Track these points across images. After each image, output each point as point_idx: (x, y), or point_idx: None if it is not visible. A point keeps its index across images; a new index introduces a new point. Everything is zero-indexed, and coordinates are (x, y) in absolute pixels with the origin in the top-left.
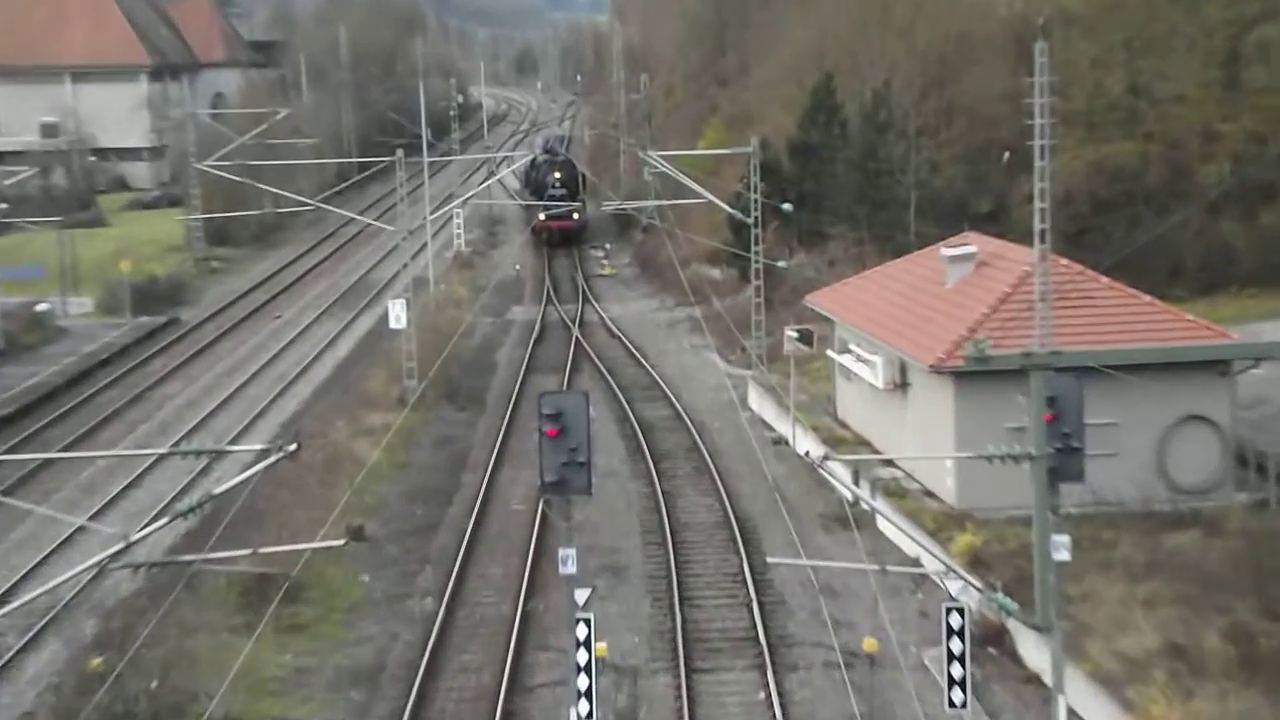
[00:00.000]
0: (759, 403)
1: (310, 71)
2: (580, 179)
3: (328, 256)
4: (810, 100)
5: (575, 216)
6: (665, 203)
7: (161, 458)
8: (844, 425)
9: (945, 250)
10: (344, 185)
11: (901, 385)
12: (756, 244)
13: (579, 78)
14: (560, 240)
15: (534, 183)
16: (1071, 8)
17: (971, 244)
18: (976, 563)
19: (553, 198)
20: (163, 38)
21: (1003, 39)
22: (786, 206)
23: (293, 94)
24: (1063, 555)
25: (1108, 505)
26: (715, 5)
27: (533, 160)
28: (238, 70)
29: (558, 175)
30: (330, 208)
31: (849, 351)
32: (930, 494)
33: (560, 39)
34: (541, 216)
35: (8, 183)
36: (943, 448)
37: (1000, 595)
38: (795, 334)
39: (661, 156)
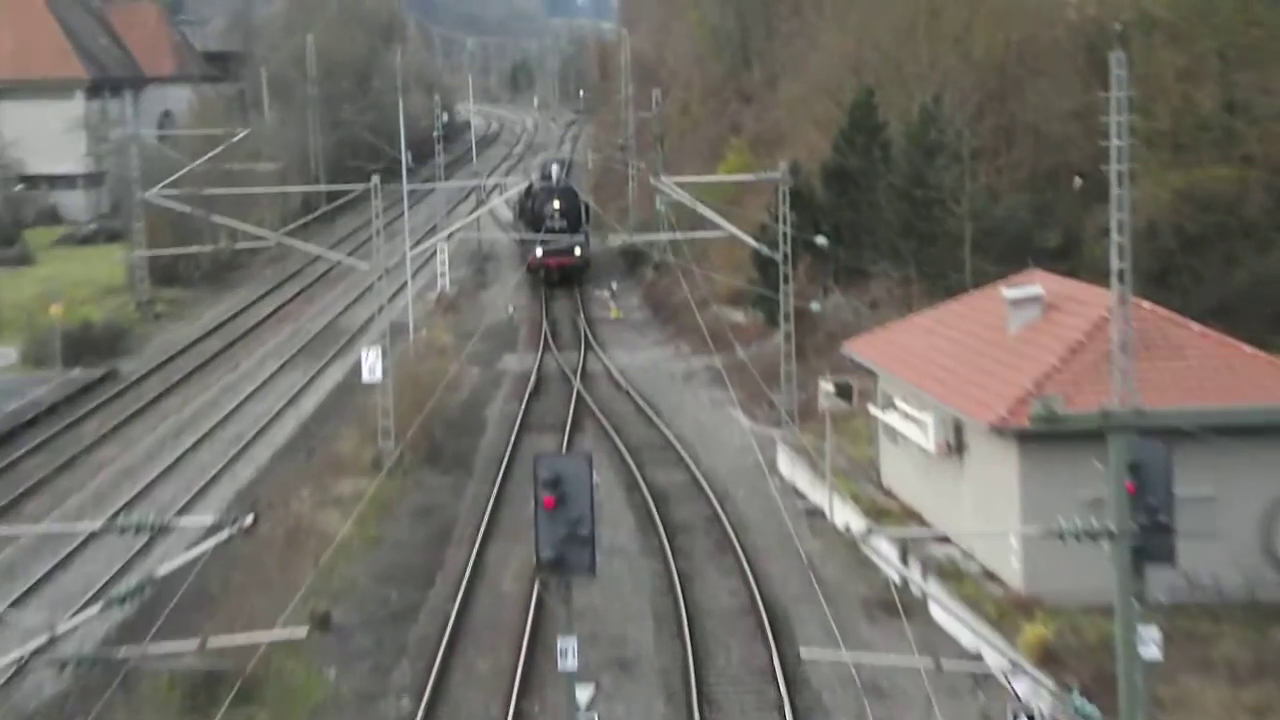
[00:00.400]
0: (790, 467)
1: (273, 86)
2: (583, 209)
3: (292, 298)
4: (848, 118)
5: (577, 252)
6: (680, 236)
7: (95, 534)
8: (889, 494)
9: (1007, 291)
10: (311, 216)
11: (957, 448)
12: (786, 283)
13: (581, 93)
14: (560, 279)
15: (530, 213)
16: (1154, 11)
17: (1037, 284)
18: (1048, 658)
19: (551, 230)
20: (102, 48)
21: (1073, 47)
22: (820, 240)
23: (253, 112)
24: (1152, 652)
25: (1205, 593)
26: (737, 10)
27: (528, 188)
28: (189, 85)
29: (557, 205)
30: (295, 242)
31: (894, 408)
32: (992, 576)
33: (560, 49)
34: (538, 252)
35: None
36: (1006, 522)
37: (1078, 698)
38: (832, 387)
39: (676, 183)
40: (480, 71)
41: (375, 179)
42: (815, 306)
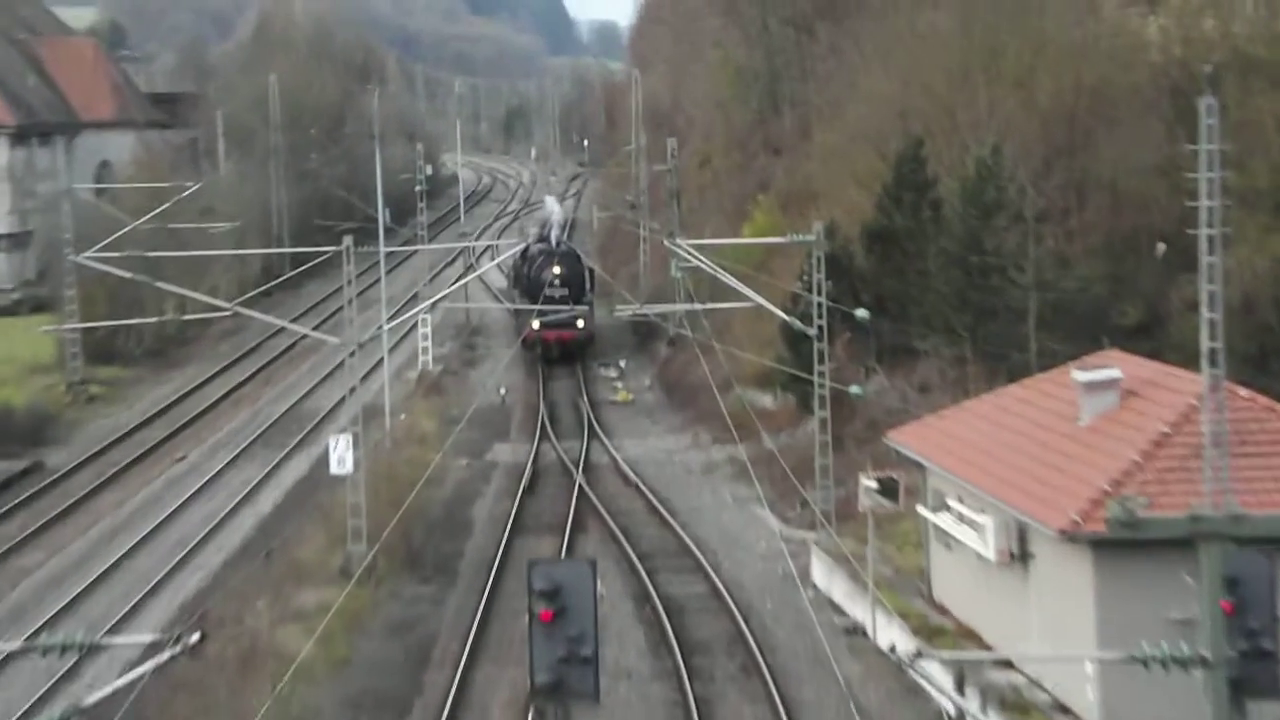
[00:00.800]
0: (826, 577)
1: (230, 134)
2: (587, 275)
3: (249, 378)
4: (893, 173)
5: (580, 325)
6: (699, 307)
7: (13, 655)
8: (942, 610)
9: (1078, 374)
10: (273, 283)
11: (1021, 557)
12: (821, 363)
13: (585, 143)
14: (560, 356)
15: (526, 280)
16: (1250, 50)
17: (1114, 366)
18: None
19: (550, 300)
20: (29, 89)
21: (1155, 92)
22: (861, 313)
23: (206, 163)
24: None
25: None
26: (766, 49)
27: (524, 251)
28: (132, 131)
29: (558, 271)
30: (254, 313)
31: (948, 509)
32: (1063, 708)
33: (561, 93)
34: (535, 325)
35: None
36: (1080, 645)
37: None
38: (875, 484)
39: (694, 246)
40: (470, 118)
41: (348, 240)
42: (855, 390)
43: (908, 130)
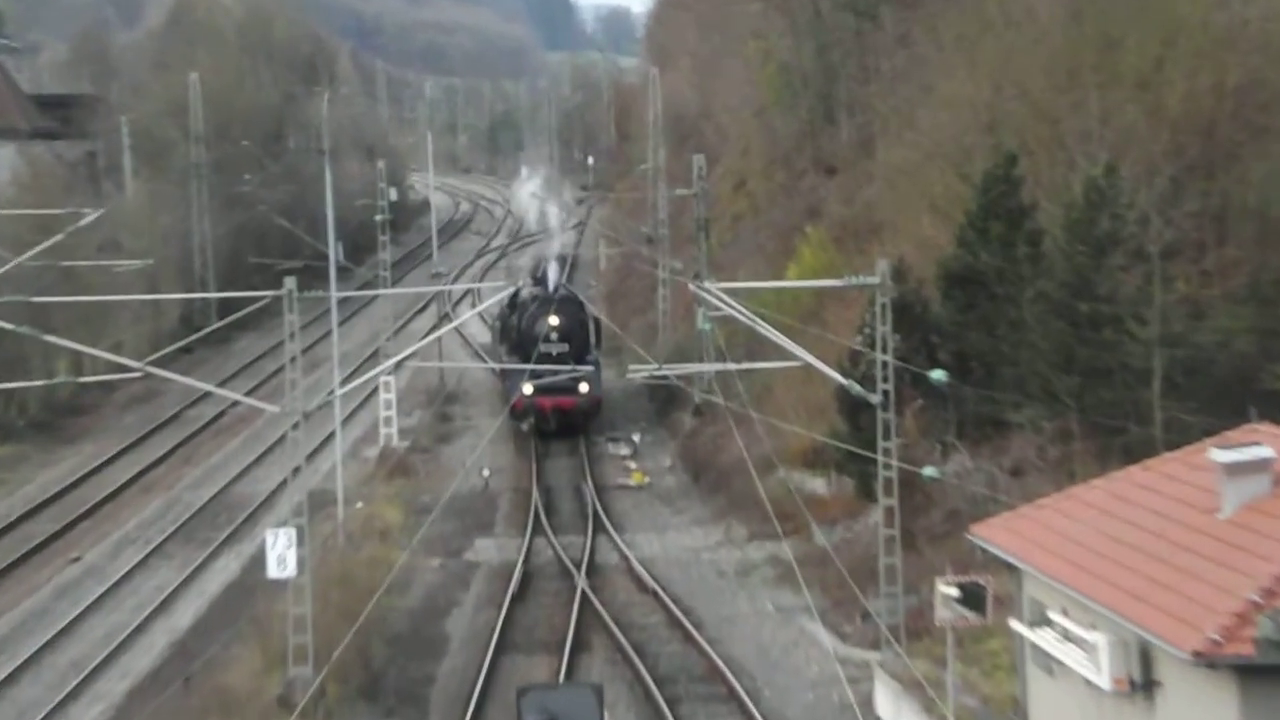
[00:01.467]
0: (893, 709)
1: (139, 147)
2: (591, 327)
3: (164, 457)
4: (979, 198)
5: (583, 389)
6: (733, 366)
7: None
8: None
9: (1218, 454)
10: (195, 337)
11: (1144, 686)
12: (887, 437)
13: (590, 161)
14: (558, 428)
15: (516, 334)
16: None
17: (1264, 444)
18: None
19: (547, 359)
20: None
21: None
22: (938, 375)
23: (109, 184)
24: None
25: None
26: (818, 42)
27: (514, 297)
28: (12, 143)
29: (555, 322)
30: (171, 375)
31: (1049, 624)
32: None
33: (559, 97)
34: (528, 389)
35: None
36: None
37: None
38: (955, 592)
39: (725, 290)
40: (444, 128)
41: (290, 283)
42: (930, 472)
43: (998, 144)
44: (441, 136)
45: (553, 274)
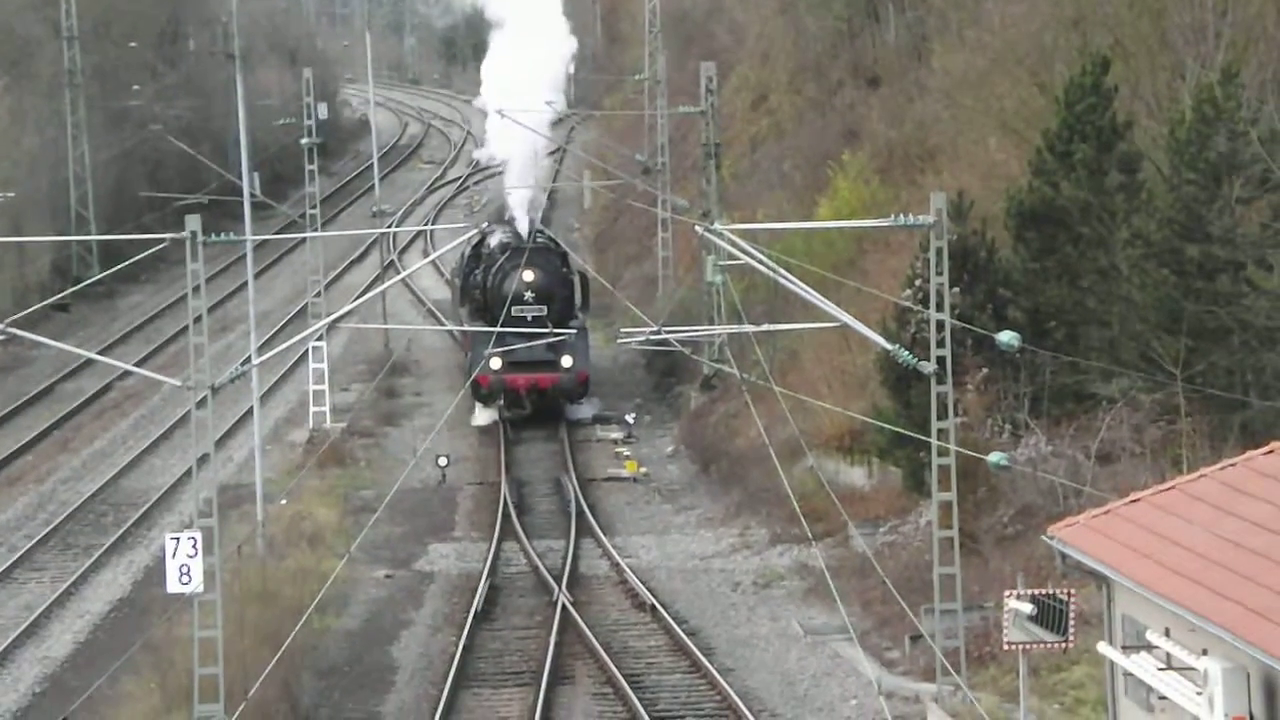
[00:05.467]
0: None
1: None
2: (576, 284)
3: (33, 442)
4: (1061, 114)
5: (566, 362)
6: (750, 329)
7: None
8: None
9: None
10: (72, 290)
11: None
12: (944, 416)
13: (570, 70)
14: (535, 408)
15: (482, 292)
16: None
17: None
18: None
19: (519, 323)
20: None
21: None
22: (1007, 338)
23: None
24: None
25: None
26: None
27: (479, 242)
28: None
29: (530, 278)
30: (40, 338)
31: (1147, 648)
32: None
33: None
34: (495, 363)
35: None
36: None
37: None
38: (1029, 607)
39: (741, 234)
40: (388, 29)
41: (194, 223)
42: (998, 459)
43: (1085, 45)
44: (384, 39)
45: (526, 216)
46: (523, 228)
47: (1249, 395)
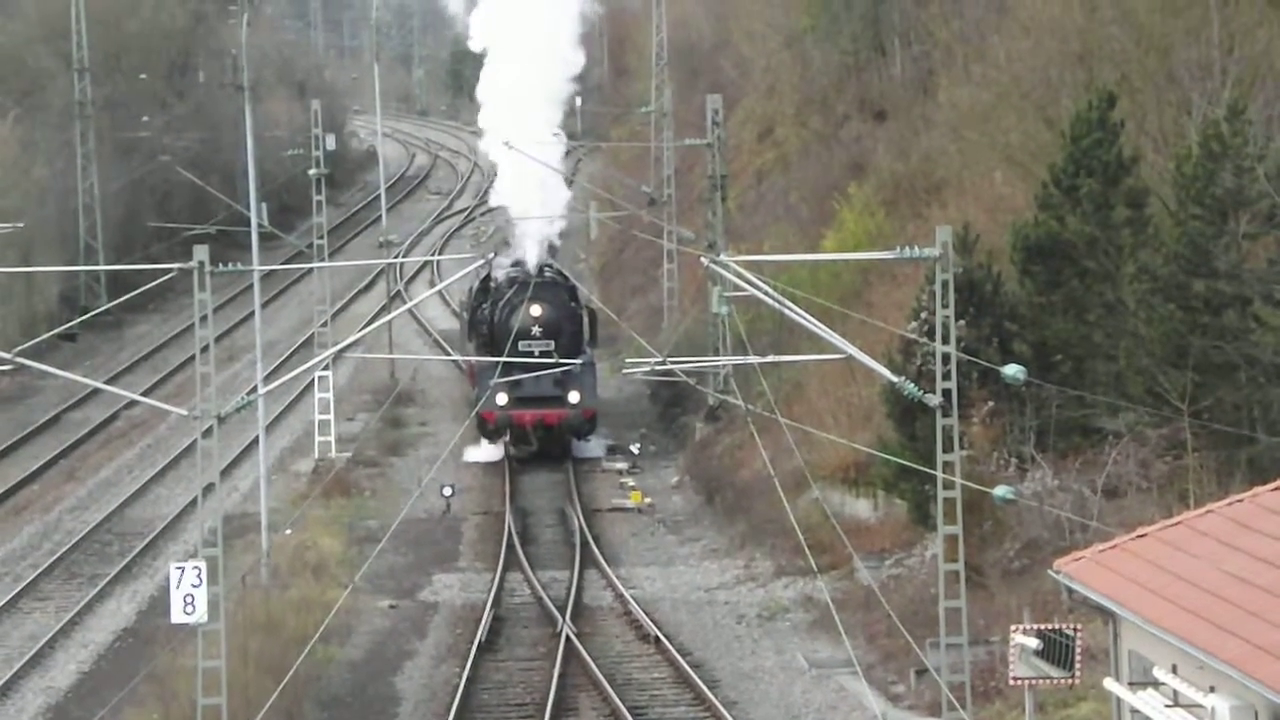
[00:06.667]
0: None
1: (8, 79)
2: (585, 319)
3: (39, 470)
4: (1068, 149)
5: (574, 398)
6: (755, 360)
7: None
8: None
9: None
10: (79, 320)
11: None
12: (950, 449)
13: (578, 102)
14: (542, 444)
15: (489, 326)
16: None
17: None
18: None
19: (527, 356)
20: None
21: None
22: (1013, 371)
23: None
24: None
25: None
26: None
27: (486, 276)
28: None
29: (538, 313)
30: (48, 368)
31: (1154, 685)
32: None
33: None
34: (501, 399)
35: None
36: None
37: None
38: (1034, 642)
39: (746, 265)
40: (396, 60)
41: (201, 253)
42: (1003, 493)
43: (1092, 80)
44: (392, 71)
45: (535, 252)
46: (530, 261)
47: (1256, 431)
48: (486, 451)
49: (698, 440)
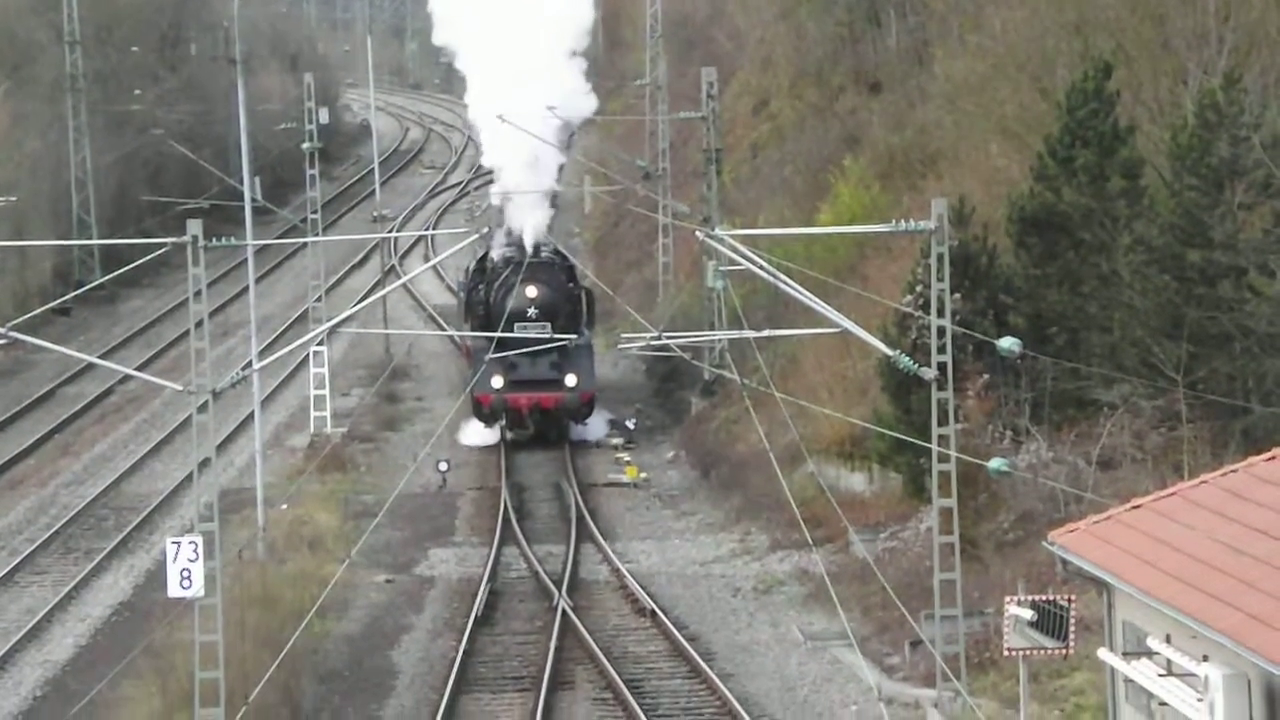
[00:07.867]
0: None
1: None
2: (583, 299)
3: (34, 445)
4: (1063, 120)
5: (571, 381)
6: (750, 334)
7: None
8: None
9: None
10: (73, 295)
11: None
12: (945, 422)
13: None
14: (539, 428)
15: (485, 307)
16: None
17: None
18: None
19: (523, 341)
20: None
21: None
22: (1008, 345)
23: None
24: None
25: None
26: None
27: (483, 256)
28: None
29: (534, 294)
30: (41, 342)
31: (1148, 655)
32: None
33: None
34: (496, 381)
35: None
36: None
37: None
38: (1029, 614)
39: (741, 239)
40: (389, 34)
41: (194, 228)
42: (998, 465)
43: (1087, 50)
44: (385, 44)
45: (531, 230)
46: (527, 239)
47: (1250, 401)
48: (482, 434)
49: (693, 415)
